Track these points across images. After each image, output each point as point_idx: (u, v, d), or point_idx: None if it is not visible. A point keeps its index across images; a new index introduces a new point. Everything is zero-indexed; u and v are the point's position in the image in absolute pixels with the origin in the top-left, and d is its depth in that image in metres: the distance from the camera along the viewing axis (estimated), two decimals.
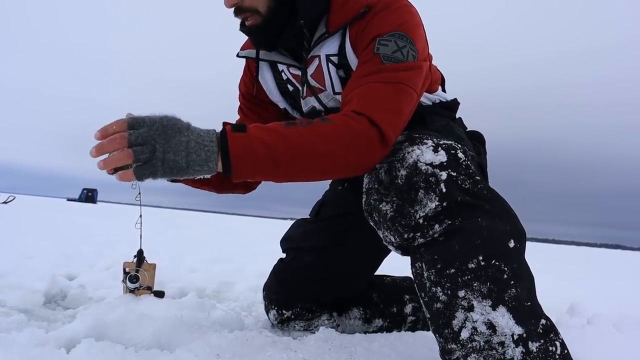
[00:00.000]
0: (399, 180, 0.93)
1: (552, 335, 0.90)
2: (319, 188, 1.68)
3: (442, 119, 1.22)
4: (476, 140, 1.31)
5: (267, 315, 1.56)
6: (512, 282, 0.88)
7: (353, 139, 0.95)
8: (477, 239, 0.88)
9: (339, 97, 1.18)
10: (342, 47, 1.15)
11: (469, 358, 0.87)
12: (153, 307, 1.35)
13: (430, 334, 1.33)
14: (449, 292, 0.89)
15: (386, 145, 0.98)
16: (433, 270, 0.91)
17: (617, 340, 1.19)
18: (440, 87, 1.35)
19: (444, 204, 0.89)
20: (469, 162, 0.94)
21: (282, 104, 1.35)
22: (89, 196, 31.97)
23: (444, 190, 0.89)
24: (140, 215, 1.28)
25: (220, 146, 0.89)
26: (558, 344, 0.90)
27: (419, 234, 0.93)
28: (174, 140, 0.86)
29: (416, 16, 1.13)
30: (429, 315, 0.96)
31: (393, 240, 0.99)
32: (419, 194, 0.91)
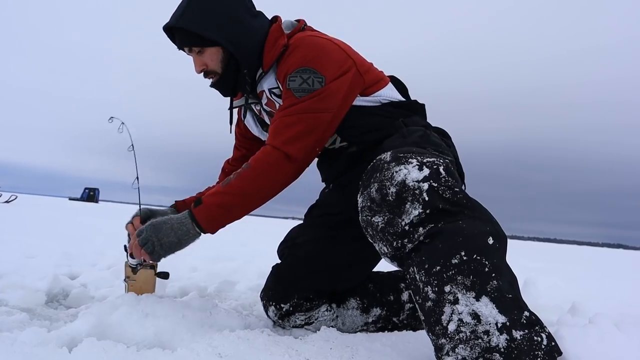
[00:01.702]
0: (390, 197, 1.05)
1: (537, 327, 0.93)
2: (317, 187, 1.70)
3: (419, 129, 1.34)
4: (443, 136, 1.44)
5: (267, 313, 1.57)
6: (493, 274, 0.95)
7: (264, 169, 1.29)
8: (459, 237, 0.97)
9: None
10: (278, 80, 1.42)
11: (457, 349, 0.91)
12: (155, 306, 1.35)
13: None
14: (436, 289, 0.96)
15: (293, 161, 1.29)
16: (422, 271, 0.99)
17: (619, 340, 1.19)
18: (387, 89, 1.48)
19: (427, 210, 1.00)
20: (448, 177, 1.05)
21: (262, 136, 1.63)
22: (90, 195, 32.03)
23: (426, 198, 1.01)
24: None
25: (192, 219, 1.30)
26: (544, 335, 0.93)
27: (406, 240, 1.03)
28: (162, 231, 1.31)
29: (318, 45, 1.36)
30: (423, 317, 1.01)
31: (386, 250, 1.10)
32: (406, 205, 1.02)
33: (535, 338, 0.91)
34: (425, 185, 1.01)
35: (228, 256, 3.27)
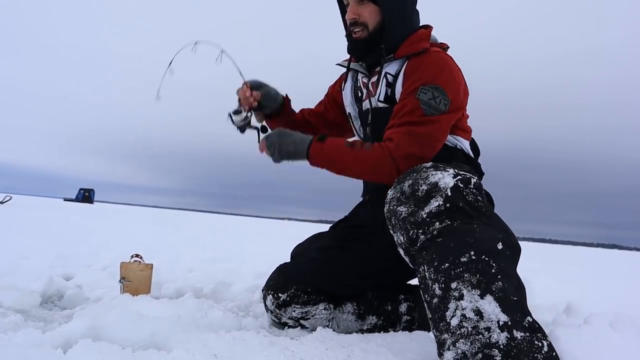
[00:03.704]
0: (420, 193, 1.12)
1: (539, 334, 0.95)
2: (315, 188, 1.72)
3: (464, 166, 1.41)
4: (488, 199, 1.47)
5: (265, 303, 1.57)
6: (500, 276, 0.98)
7: (375, 164, 1.36)
8: (470, 238, 1.02)
9: (380, 104, 1.54)
10: (398, 72, 1.49)
11: (457, 344, 0.94)
12: (150, 307, 1.35)
13: (426, 333, 1.34)
14: (443, 285, 1.00)
15: (397, 174, 1.30)
16: (432, 269, 1.03)
17: (614, 340, 1.19)
18: (466, 142, 1.57)
19: (447, 204, 1.07)
20: (475, 189, 1.12)
21: (349, 108, 1.69)
22: (85, 196, 31.89)
23: (449, 194, 1.08)
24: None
25: (309, 145, 1.41)
26: (545, 343, 0.94)
27: (421, 231, 1.09)
28: (285, 141, 1.44)
29: (455, 71, 1.45)
30: (430, 315, 1.05)
31: (402, 240, 1.15)
32: (431, 200, 1.09)
33: (536, 342, 0.92)
34: (451, 183, 1.09)
35: (224, 257, 3.26)
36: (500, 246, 1.03)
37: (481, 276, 0.97)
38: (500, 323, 0.92)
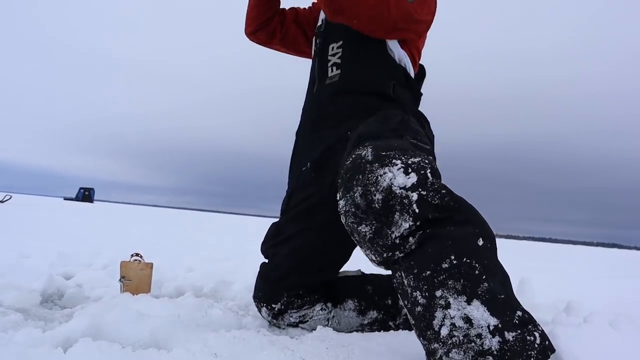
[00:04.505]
0: (376, 205, 1.01)
1: (530, 326, 0.92)
2: None
3: (398, 114, 1.37)
4: (422, 120, 1.51)
5: (261, 314, 1.57)
6: (484, 276, 0.93)
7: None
8: (448, 241, 0.95)
9: None
10: None
11: (450, 354, 0.89)
12: (150, 306, 1.35)
13: None
14: (426, 294, 0.94)
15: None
16: (411, 276, 0.98)
17: (614, 339, 1.19)
18: (412, 61, 1.57)
19: (417, 222, 0.98)
20: (434, 179, 1.03)
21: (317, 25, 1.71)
22: (85, 195, 31.89)
23: (416, 210, 0.98)
24: None
25: None
26: (537, 334, 0.92)
27: (397, 252, 1.02)
28: None
29: None
30: (413, 322, 1.00)
31: (374, 258, 1.08)
32: (395, 215, 0.99)
33: (528, 338, 0.90)
34: (415, 196, 0.98)
35: (224, 256, 3.26)
36: (480, 242, 0.98)
37: (465, 281, 0.92)
38: (491, 327, 0.88)
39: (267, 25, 1.80)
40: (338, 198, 1.12)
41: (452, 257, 0.93)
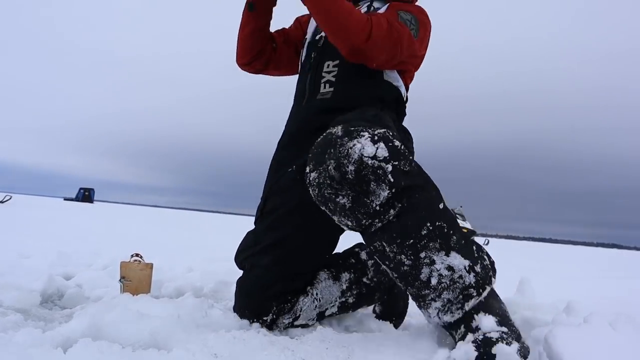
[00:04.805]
0: (349, 175, 1.11)
1: (480, 252, 1.23)
2: None
3: (372, 109, 1.42)
4: (405, 134, 1.56)
5: (253, 324, 1.48)
6: (451, 231, 1.18)
7: (355, 18, 1.36)
8: (422, 212, 1.16)
9: None
10: (378, 9, 1.60)
11: (442, 295, 1.16)
12: (150, 306, 1.35)
13: (428, 334, 1.34)
14: (412, 257, 1.16)
15: (369, 36, 1.36)
16: (394, 245, 1.16)
17: (613, 339, 1.19)
18: (404, 85, 1.63)
19: (393, 190, 1.12)
20: (403, 148, 1.16)
21: (309, 34, 1.73)
22: (85, 195, 31.88)
23: (391, 180, 1.11)
24: None
25: None
26: (485, 256, 1.24)
27: (377, 220, 1.15)
28: None
29: (428, 21, 1.57)
30: (396, 275, 1.22)
31: (350, 224, 1.19)
32: (371, 185, 1.11)
33: (485, 263, 1.21)
34: (389, 167, 1.11)
35: (224, 256, 3.25)
36: (441, 205, 1.20)
37: (441, 240, 1.15)
38: (467, 268, 1.16)
39: (261, 55, 1.77)
40: (308, 171, 1.20)
41: (428, 224, 1.15)
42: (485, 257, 1.23)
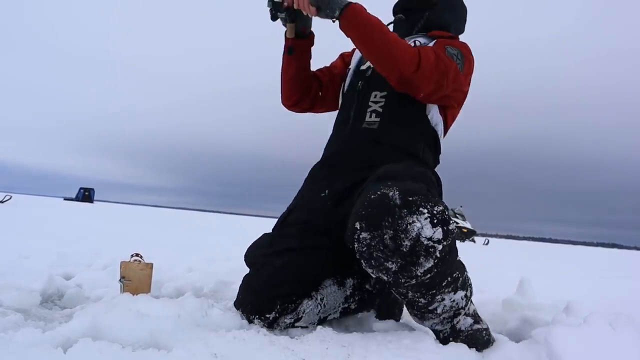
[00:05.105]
0: (404, 249, 1.16)
1: (468, 276, 1.41)
2: None
3: (420, 166, 1.50)
4: (437, 181, 1.59)
5: (250, 323, 1.49)
6: (460, 276, 1.35)
7: (404, 50, 1.42)
8: (447, 269, 1.28)
9: None
10: (426, 44, 1.61)
11: (441, 316, 1.34)
12: (150, 306, 1.35)
13: (428, 335, 1.35)
14: (429, 299, 1.31)
15: (419, 67, 1.42)
16: (418, 293, 1.29)
17: (613, 339, 1.19)
18: (443, 129, 1.67)
19: (436, 261, 1.19)
20: (453, 227, 1.24)
21: (352, 64, 1.79)
22: (85, 195, 31.87)
23: (438, 255, 1.19)
24: None
25: (345, 5, 1.44)
26: (468, 278, 1.41)
27: (414, 280, 1.22)
28: None
29: (473, 59, 1.63)
30: (409, 306, 1.37)
31: (386, 279, 1.23)
32: (420, 259, 1.18)
33: (470, 283, 1.41)
34: (440, 247, 1.18)
35: (224, 256, 3.26)
36: (458, 258, 1.36)
37: (453, 284, 1.32)
38: (462, 297, 1.35)
39: (307, 94, 1.81)
40: (359, 228, 1.19)
41: (449, 278, 1.30)
42: (468, 281, 1.41)
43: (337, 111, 1.78)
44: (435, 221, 1.17)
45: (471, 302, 1.43)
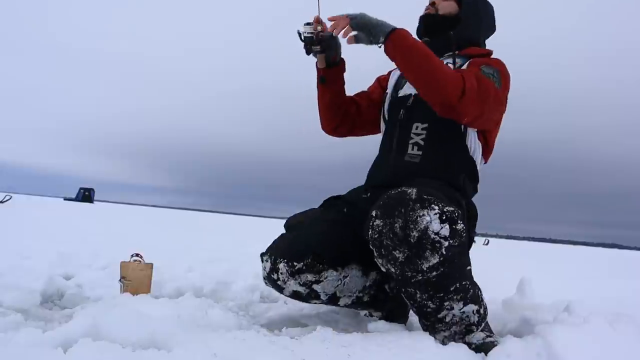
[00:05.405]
0: (411, 239, 1.23)
1: (481, 294, 1.45)
2: (314, 187, 1.69)
3: (456, 192, 1.52)
4: (470, 212, 1.61)
5: (271, 273, 1.56)
6: (471, 287, 1.39)
7: (448, 77, 1.42)
8: (456, 274, 1.33)
9: None
10: (460, 66, 1.63)
11: (451, 328, 1.37)
12: (150, 306, 1.35)
13: (429, 340, 1.35)
14: (437, 304, 1.34)
15: (463, 92, 1.41)
16: (425, 295, 1.33)
17: (613, 339, 1.19)
18: (482, 156, 1.68)
19: (441, 259, 1.25)
20: (462, 228, 1.28)
21: (390, 89, 1.81)
22: (85, 196, 31.86)
23: (444, 253, 1.25)
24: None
25: (391, 30, 1.45)
26: (482, 299, 1.44)
27: (419, 276, 1.28)
28: (367, 16, 1.47)
29: (509, 75, 1.61)
30: (416, 309, 1.40)
31: (392, 271, 1.31)
32: (426, 253, 1.24)
33: (484, 303, 1.44)
34: (446, 244, 1.23)
35: (224, 256, 3.26)
36: (469, 268, 1.41)
37: (462, 293, 1.35)
38: (474, 311, 1.38)
39: (345, 119, 1.84)
40: (374, 215, 1.30)
41: (457, 284, 1.33)
42: (481, 297, 1.44)
43: (382, 135, 1.81)
44: (444, 218, 1.24)
45: (487, 323, 1.45)
